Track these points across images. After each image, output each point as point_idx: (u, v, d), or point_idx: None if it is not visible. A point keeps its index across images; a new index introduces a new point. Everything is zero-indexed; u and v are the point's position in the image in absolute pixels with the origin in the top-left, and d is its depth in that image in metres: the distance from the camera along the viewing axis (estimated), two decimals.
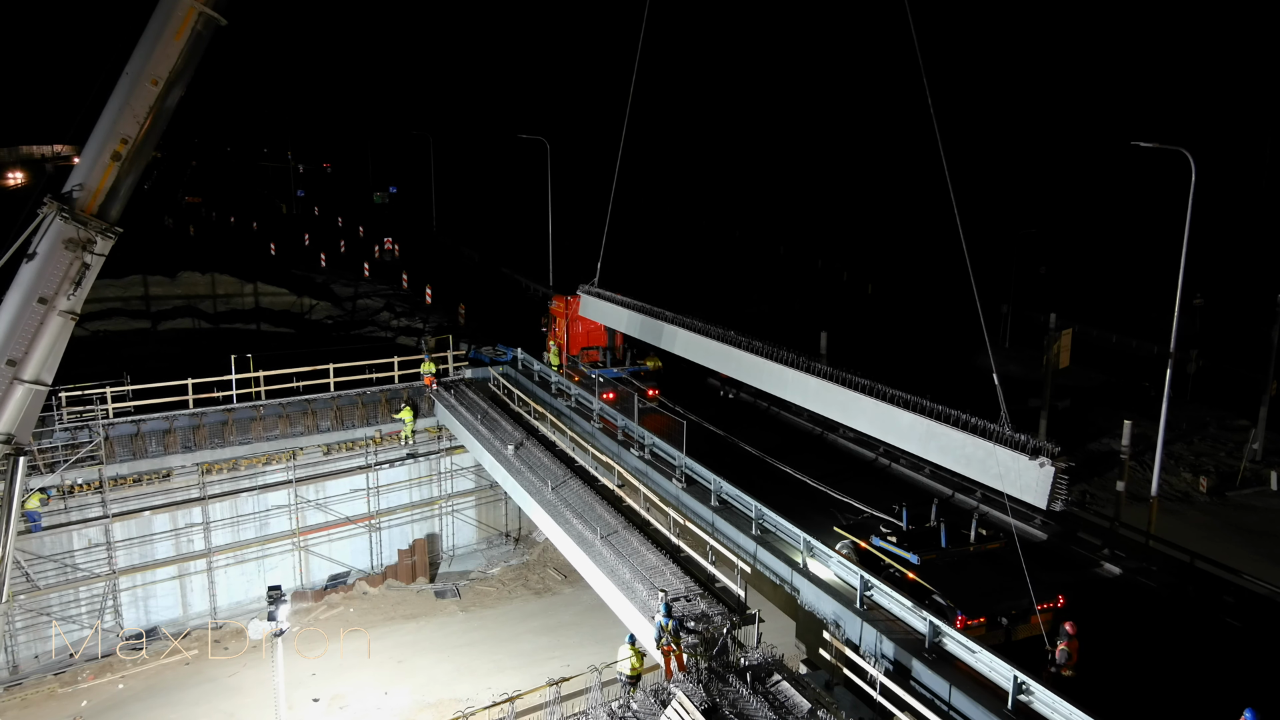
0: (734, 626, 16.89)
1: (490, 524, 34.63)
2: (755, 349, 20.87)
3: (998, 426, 15.01)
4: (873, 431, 18.02)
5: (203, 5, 14.30)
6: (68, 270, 14.58)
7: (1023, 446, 14.53)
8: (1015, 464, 14.45)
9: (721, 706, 14.75)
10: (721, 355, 22.03)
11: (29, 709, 23.35)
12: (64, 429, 26.73)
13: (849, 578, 17.11)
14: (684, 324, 23.67)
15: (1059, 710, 12.84)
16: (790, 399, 20.52)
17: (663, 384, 30.45)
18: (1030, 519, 20.05)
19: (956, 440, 15.58)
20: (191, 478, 28.37)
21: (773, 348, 20.44)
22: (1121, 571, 18.05)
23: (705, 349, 22.61)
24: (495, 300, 51.08)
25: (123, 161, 14.85)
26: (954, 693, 14.27)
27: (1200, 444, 37.80)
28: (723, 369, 22.39)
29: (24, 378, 14.45)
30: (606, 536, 20.96)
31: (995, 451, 14.76)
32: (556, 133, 44.83)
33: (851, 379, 18.05)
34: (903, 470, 23.57)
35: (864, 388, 17.70)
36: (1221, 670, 14.99)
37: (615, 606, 19.08)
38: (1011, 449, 14.63)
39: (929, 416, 16.20)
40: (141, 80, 14.46)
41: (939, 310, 52.36)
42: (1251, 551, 28.19)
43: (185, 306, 52.93)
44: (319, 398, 31.60)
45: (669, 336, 24.04)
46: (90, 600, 27.06)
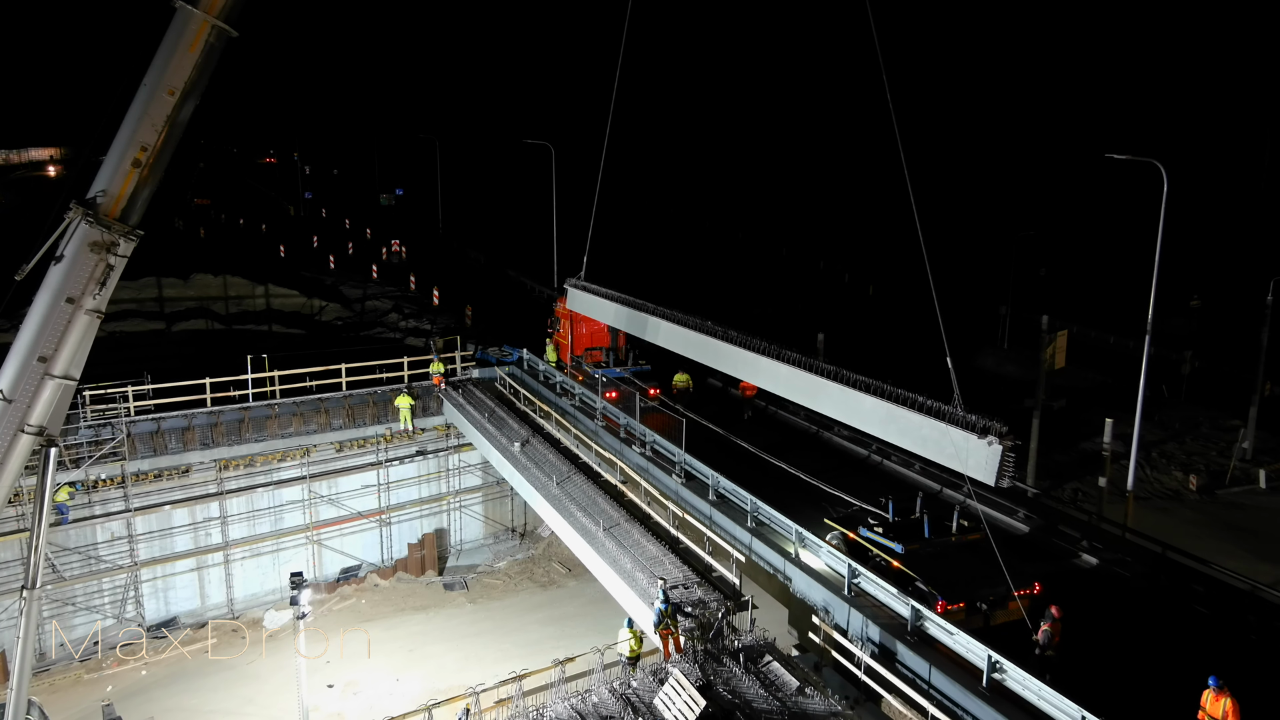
0: (729, 612, 17.84)
1: (497, 519, 35.63)
2: (731, 338, 21.59)
3: (951, 408, 15.60)
4: (838, 415, 18.54)
5: (215, 19, 14.93)
6: (93, 271, 14.96)
7: (973, 426, 15.12)
8: (966, 443, 15.06)
9: (715, 684, 15.71)
10: (699, 345, 22.78)
11: (57, 693, 24.39)
12: (88, 426, 27.79)
13: (838, 567, 18.04)
14: (665, 315, 24.38)
15: (1029, 686, 13.78)
16: (763, 386, 21.19)
17: (692, 401, 29.81)
18: (1014, 512, 20.96)
19: (914, 422, 16.17)
20: (209, 473, 29.40)
21: (747, 337, 21.11)
22: (1098, 562, 18.94)
23: (685, 339, 23.36)
24: (501, 302, 52.11)
25: (143, 168, 15.58)
26: (934, 673, 15.21)
27: (1192, 443, 38.52)
28: (701, 358, 23.00)
29: (54, 373, 15.08)
30: (609, 529, 21.92)
31: (949, 432, 15.36)
32: (562, 135, 45.72)
33: (818, 365, 18.65)
34: (894, 467, 24.48)
35: (829, 373, 18.31)
36: (1188, 652, 15.90)
37: (617, 594, 20.05)
38: (963, 429, 15.22)
39: (889, 400, 16.80)
40: (159, 91, 14.94)
41: (940, 310, 53.14)
42: (1238, 548, 28.93)
43: (198, 308, 54.10)
44: (331, 396, 32.62)
45: (652, 328, 24.83)
46: (113, 591, 28.12)
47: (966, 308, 55.75)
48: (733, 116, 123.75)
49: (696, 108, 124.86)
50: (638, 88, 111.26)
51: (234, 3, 14.90)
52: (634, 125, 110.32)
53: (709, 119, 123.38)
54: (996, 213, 75.65)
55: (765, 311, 51.61)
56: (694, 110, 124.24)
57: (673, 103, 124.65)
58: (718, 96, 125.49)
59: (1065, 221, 72.61)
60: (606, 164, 26.22)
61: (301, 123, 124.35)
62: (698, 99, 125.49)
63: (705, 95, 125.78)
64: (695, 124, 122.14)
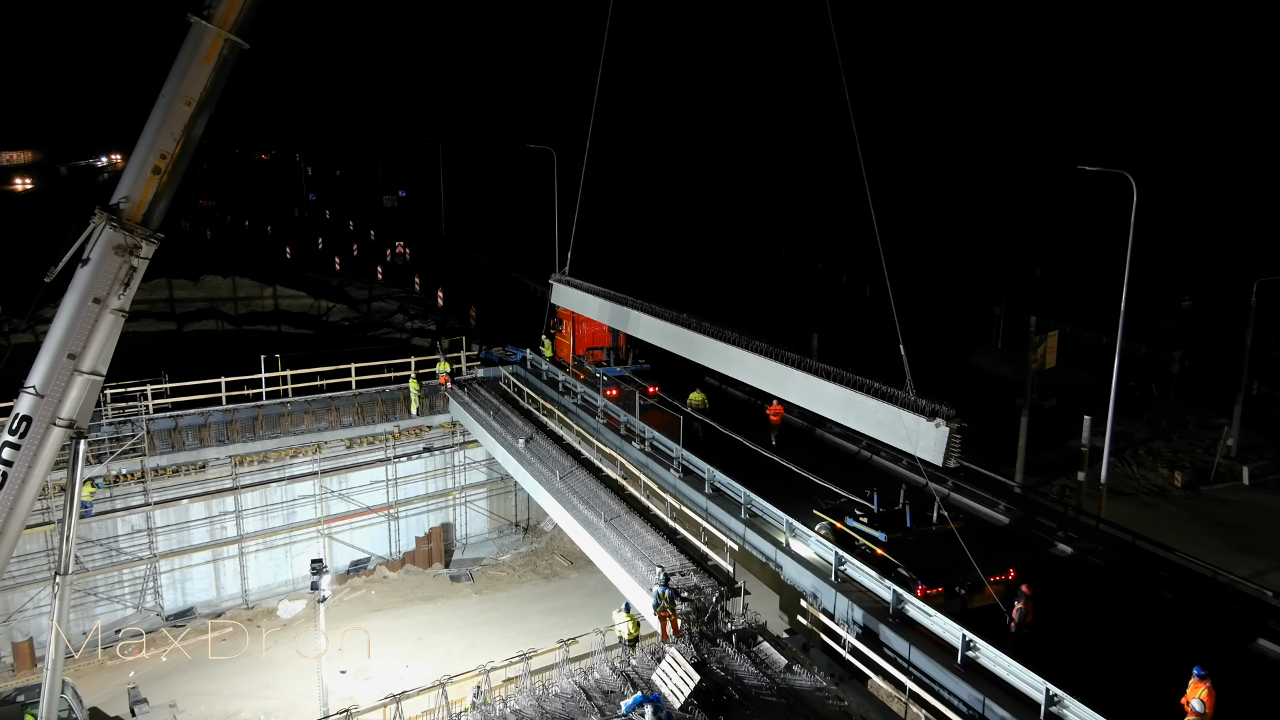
0: (723, 598, 18.93)
1: (501, 514, 36.74)
2: (704, 330, 22.75)
3: (904, 394, 16.55)
4: (802, 402, 19.53)
5: (228, 33, 15.90)
6: (117, 273, 15.93)
7: (922, 410, 16.07)
8: (917, 426, 16.03)
9: (709, 663, 16.79)
10: (675, 336, 23.95)
11: (82, 678, 25.43)
12: (110, 423, 28.90)
13: (826, 555, 19.11)
14: (645, 309, 25.51)
15: (999, 663, 14.83)
16: (734, 375, 22.32)
17: (712, 414, 29.18)
18: (995, 505, 22.02)
19: (870, 407, 17.15)
20: (225, 469, 30.53)
21: (719, 329, 22.25)
22: (1073, 551, 20.02)
23: (663, 331, 24.52)
24: (504, 302, 53.10)
25: (162, 175, 16.57)
26: (913, 652, 16.29)
27: (1179, 441, 39.47)
28: (677, 349, 24.03)
29: (83, 369, 16.08)
30: (610, 520, 23.00)
31: (901, 416, 16.33)
32: (564, 137, 46.55)
33: (784, 355, 19.67)
34: (882, 462, 25.54)
35: (794, 362, 19.35)
36: (1153, 631, 17.00)
37: (617, 581, 21.14)
38: (914, 413, 16.19)
39: (848, 386, 17.80)
40: (176, 102, 15.96)
41: (936, 311, 54.20)
42: (1220, 542, 29.85)
43: (208, 309, 55.16)
44: (341, 395, 33.70)
45: (633, 321, 25.94)
46: (133, 582, 29.26)
47: (962, 308, 56.79)
48: (733, 118, 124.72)
49: (697, 110, 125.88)
50: (640, 90, 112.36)
51: (246, 16, 15.89)
52: (636, 127, 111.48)
53: (709, 121, 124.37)
54: (992, 214, 76.59)
55: (764, 311, 52.59)
56: (695, 112, 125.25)
57: (674, 105, 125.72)
58: (718, 98, 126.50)
59: (1060, 223, 73.47)
60: (607, 166, 27.34)
61: (304, 124, 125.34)
62: (698, 101, 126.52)
63: (706, 97, 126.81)
64: (696, 126, 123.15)
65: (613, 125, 25.97)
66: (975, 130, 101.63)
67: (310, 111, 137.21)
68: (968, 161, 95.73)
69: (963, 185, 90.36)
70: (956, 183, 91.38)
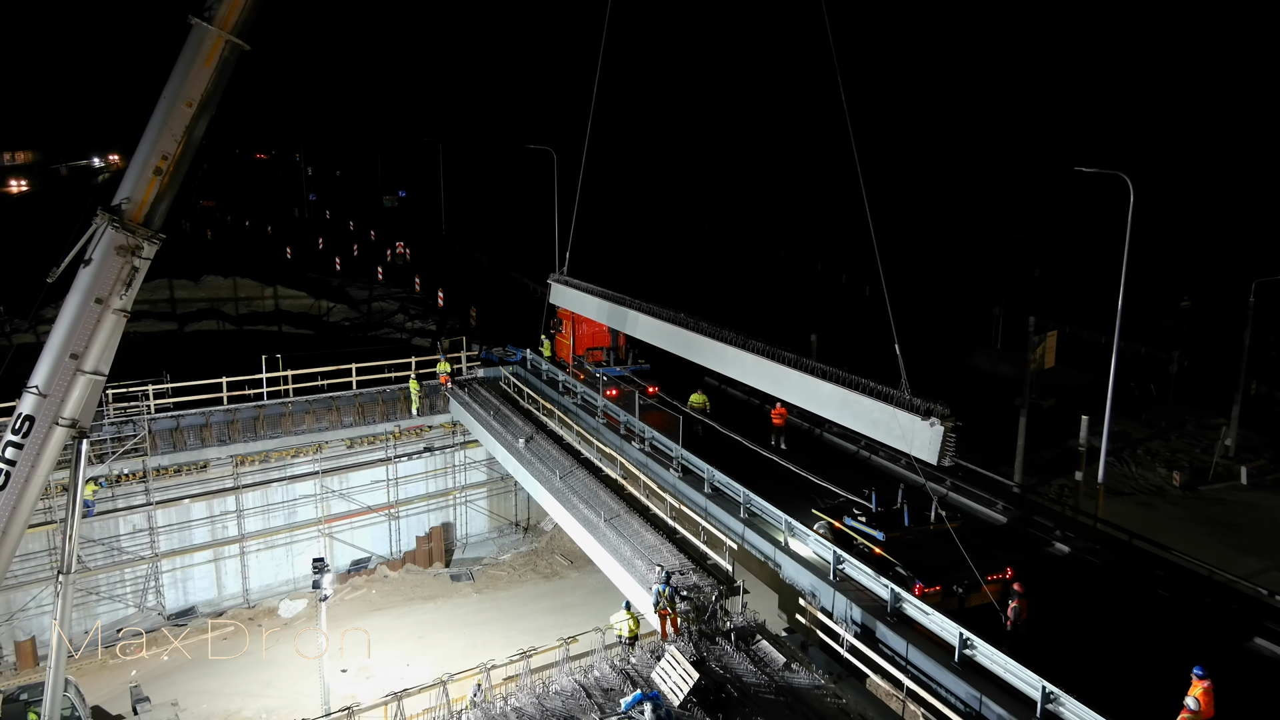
0: (722, 596, 19.04)
1: (501, 514, 36.85)
2: (701, 329, 22.75)
3: (899, 393, 16.56)
4: (799, 401, 19.52)
5: (229, 35, 15.95)
6: (119, 273, 15.91)
7: (917, 409, 16.08)
8: (912, 425, 16.04)
9: (708, 660, 16.91)
10: (673, 335, 23.97)
11: (85, 676, 25.54)
12: (112, 423, 29.00)
13: (824, 554, 19.21)
14: (643, 309, 25.55)
15: (996, 660, 14.95)
16: (731, 374, 22.29)
17: (712, 414, 29.21)
18: (993, 504, 22.13)
19: (866, 405, 17.14)
20: (226, 469, 30.64)
21: (717, 328, 22.24)
22: (1070, 550, 20.13)
23: (661, 331, 24.54)
24: (504, 303, 53.19)
25: (163, 176, 16.64)
26: (911, 650, 16.40)
27: (1178, 441, 39.57)
28: (675, 349, 24.05)
29: (85, 369, 16.14)
30: (610, 519, 23.11)
31: (896, 414, 16.34)
32: (564, 137, 46.64)
33: (780, 354, 19.66)
34: (881, 462, 25.63)
35: (791, 361, 19.36)
36: (1149, 630, 17.10)
37: (617, 580, 21.25)
38: (909, 411, 16.19)
39: (844, 386, 17.79)
40: (177, 103, 15.98)
41: (935, 312, 54.30)
42: (1217, 541, 29.96)
43: (209, 309, 55.31)
44: (342, 395, 33.81)
45: (632, 321, 26.00)
46: (135, 581, 29.38)
47: (961, 308, 56.89)
48: (732, 119, 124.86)
49: (697, 110, 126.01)
50: (639, 90, 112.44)
51: (247, 19, 15.93)
52: (635, 128, 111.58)
53: (709, 121, 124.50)
54: (991, 214, 76.67)
55: (763, 311, 52.71)
56: (694, 112, 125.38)
57: (673, 105, 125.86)
58: (717, 98, 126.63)
59: (1059, 224, 73.59)
60: (606, 166, 27.45)
61: (304, 124, 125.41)
62: (698, 101, 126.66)
63: (705, 97, 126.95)
64: (695, 126, 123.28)
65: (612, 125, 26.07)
66: (974, 130, 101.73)
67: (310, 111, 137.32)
68: (966, 162, 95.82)
69: (962, 185, 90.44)
70: (955, 183, 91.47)
